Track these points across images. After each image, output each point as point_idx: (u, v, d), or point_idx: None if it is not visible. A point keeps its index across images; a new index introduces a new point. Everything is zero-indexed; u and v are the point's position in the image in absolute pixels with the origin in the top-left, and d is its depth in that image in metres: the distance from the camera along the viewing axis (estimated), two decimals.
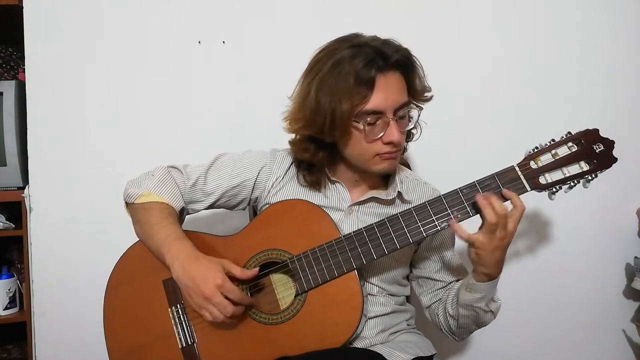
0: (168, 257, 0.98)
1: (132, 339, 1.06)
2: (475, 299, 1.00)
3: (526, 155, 0.97)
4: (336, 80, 0.93)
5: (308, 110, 0.97)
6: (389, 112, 0.95)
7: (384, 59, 0.94)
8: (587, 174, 0.96)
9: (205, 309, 0.94)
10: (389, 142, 0.97)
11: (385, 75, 0.94)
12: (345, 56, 0.94)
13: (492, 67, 1.64)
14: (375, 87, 0.93)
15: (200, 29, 1.54)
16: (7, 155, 1.49)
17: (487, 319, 1.05)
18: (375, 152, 0.99)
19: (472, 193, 0.95)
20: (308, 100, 0.97)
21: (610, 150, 0.96)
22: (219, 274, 0.94)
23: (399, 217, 0.97)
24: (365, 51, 0.93)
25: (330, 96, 0.93)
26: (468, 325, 1.06)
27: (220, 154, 1.15)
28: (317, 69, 0.97)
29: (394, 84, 0.96)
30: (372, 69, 0.92)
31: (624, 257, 1.70)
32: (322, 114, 0.94)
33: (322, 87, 0.95)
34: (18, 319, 1.54)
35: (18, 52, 1.71)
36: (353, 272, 0.97)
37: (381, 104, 0.94)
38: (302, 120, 0.99)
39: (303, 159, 1.07)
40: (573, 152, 0.96)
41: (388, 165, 1.01)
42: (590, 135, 0.96)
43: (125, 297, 1.08)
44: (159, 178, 1.09)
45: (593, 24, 1.67)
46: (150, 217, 1.04)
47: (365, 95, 0.93)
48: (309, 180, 1.09)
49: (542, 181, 0.96)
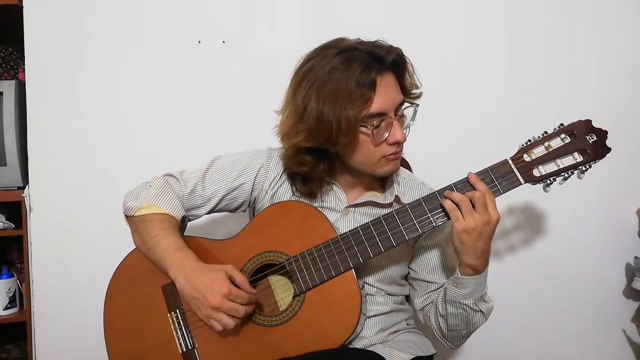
0: (171, 271, 0.98)
1: (133, 347, 1.06)
2: (463, 295, 0.99)
3: (519, 148, 0.97)
4: (337, 87, 0.91)
5: (312, 121, 0.94)
6: (391, 112, 0.96)
7: (380, 61, 0.94)
8: (581, 164, 0.96)
9: (213, 318, 0.93)
10: (394, 142, 0.97)
11: (383, 77, 0.94)
12: (339, 62, 0.93)
13: (491, 66, 1.64)
14: (377, 90, 0.93)
15: (200, 29, 1.54)
16: (7, 155, 1.49)
17: (477, 319, 1.03)
18: (381, 154, 0.99)
19: (466, 188, 0.96)
20: (309, 111, 0.94)
21: (603, 140, 0.95)
22: (224, 282, 0.93)
23: (394, 214, 0.97)
24: (359, 55, 0.93)
25: (334, 104, 0.91)
26: (458, 327, 1.04)
27: (215, 158, 1.14)
28: (311, 78, 0.95)
29: (391, 83, 0.96)
30: (372, 72, 0.92)
31: (624, 257, 1.70)
32: (328, 123, 0.92)
33: (322, 95, 0.92)
34: (18, 318, 1.54)
35: (18, 52, 1.71)
36: (350, 272, 0.97)
37: (384, 105, 0.94)
38: (304, 132, 0.96)
39: (300, 172, 1.05)
40: (566, 143, 0.96)
41: (393, 166, 1.02)
42: (582, 126, 0.96)
43: (124, 304, 1.08)
44: (157, 189, 1.08)
45: (593, 23, 1.67)
46: (150, 229, 1.04)
47: (369, 99, 0.93)
48: (302, 192, 1.08)
49: (536, 173, 0.96)
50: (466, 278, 0.97)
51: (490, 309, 1.03)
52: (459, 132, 1.62)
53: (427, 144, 1.47)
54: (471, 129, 1.63)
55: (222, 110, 1.56)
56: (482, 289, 1.00)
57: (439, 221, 0.96)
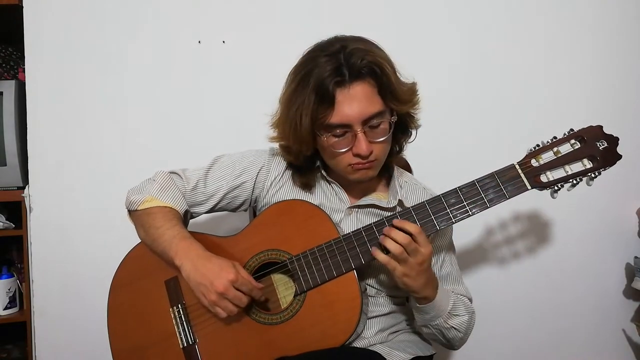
0: (177, 258, 0.98)
1: (135, 340, 1.06)
2: (428, 319, 1.01)
3: (527, 153, 0.95)
4: (301, 95, 0.94)
5: (281, 122, 1.01)
6: (356, 124, 0.94)
7: (342, 74, 0.92)
8: (590, 171, 0.93)
9: (218, 305, 0.94)
10: (357, 154, 0.96)
11: (347, 88, 0.92)
12: (310, 70, 0.94)
13: (493, 66, 1.64)
14: (337, 102, 0.92)
15: (200, 29, 1.54)
16: (7, 155, 1.49)
17: (453, 335, 1.04)
18: (347, 162, 0.99)
19: (472, 192, 0.95)
20: (280, 112, 1.01)
21: (614, 146, 0.93)
22: (231, 269, 0.94)
23: (397, 217, 0.97)
24: (327, 65, 0.92)
25: (295, 110, 0.95)
26: (440, 340, 1.07)
27: (218, 156, 1.15)
28: (289, 81, 0.99)
29: (360, 94, 0.93)
30: (330, 85, 0.91)
31: (624, 257, 1.70)
32: (289, 126, 0.98)
33: (290, 100, 0.97)
34: (18, 319, 1.54)
35: (18, 52, 1.71)
36: (352, 272, 0.97)
37: (346, 117, 0.93)
38: (278, 130, 1.03)
39: (289, 161, 1.09)
40: (576, 149, 0.93)
41: (362, 175, 1.01)
42: (593, 131, 0.93)
43: (128, 298, 1.09)
44: (161, 183, 1.09)
45: (595, 23, 1.67)
46: (154, 221, 1.04)
47: (327, 110, 0.93)
48: (299, 183, 1.10)
49: (544, 179, 0.94)
50: (423, 306, 0.99)
51: (465, 322, 1.04)
52: (462, 134, 1.62)
53: (431, 146, 1.46)
54: (475, 131, 1.63)
55: (222, 110, 1.56)
56: (445, 308, 1.00)
57: (442, 224, 0.96)
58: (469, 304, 1.09)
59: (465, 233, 1.61)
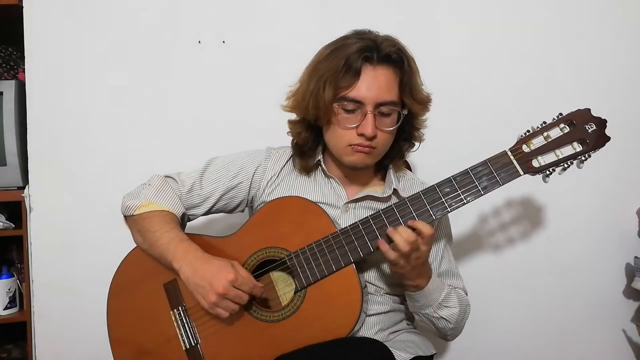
0: (175, 261, 0.98)
1: (137, 345, 1.06)
2: (418, 307, 1.04)
3: (518, 139, 0.96)
4: (328, 65, 0.97)
5: (299, 94, 1.03)
6: (369, 104, 0.97)
7: (375, 51, 0.96)
8: (580, 154, 0.95)
9: (219, 306, 0.94)
10: (361, 133, 0.98)
11: (374, 68, 0.96)
12: (342, 45, 0.97)
13: (491, 66, 1.64)
14: (361, 77, 0.96)
15: (200, 29, 1.54)
16: (7, 155, 1.48)
17: (443, 325, 1.06)
18: (348, 141, 1.00)
19: (466, 180, 0.96)
20: (300, 85, 1.03)
21: (602, 129, 0.95)
22: (230, 269, 0.94)
23: (393, 208, 0.98)
24: (359, 43, 0.96)
25: (319, 77, 0.97)
26: (431, 329, 1.09)
27: (212, 158, 1.16)
28: (317, 54, 1.02)
29: (382, 78, 0.97)
30: (360, 59, 0.95)
31: (624, 257, 1.70)
32: (309, 95, 0.99)
33: (315, 69, 1.00)
34: (18, 319, 1.53)
35: (18, 52, 1.71)
36: (351, 266, 0.97)
37: (362, 94, 0.96)
38: (293, 100, 1.05)
39: (293, 137, 1.11)
40: (565, 133, 0.95)
41: (359, 158, 1.02)
42: (582, 115, 0.95)
43: (127, 303, 1.09)
44: (156, 187, 1.10)
45: (592, 22, 1.67)
46: (151, 225, 1.04)
47: (350, 83, 0.96)
48: (299, 166, 1.11)
49: (535, 164, 0.95)
50: (413, 294, 1.02)
51: (455, 314, 1.05)
52: (456, 125, 1.61)
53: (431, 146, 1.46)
54: (467, 121, 1.63)
55: (222, 110, 1.56)
56: (436, 298, 1.02)
57: (438, 214, 0.97)
58: (464, 296, 1.11)
59: (464, 231, 1.61)
